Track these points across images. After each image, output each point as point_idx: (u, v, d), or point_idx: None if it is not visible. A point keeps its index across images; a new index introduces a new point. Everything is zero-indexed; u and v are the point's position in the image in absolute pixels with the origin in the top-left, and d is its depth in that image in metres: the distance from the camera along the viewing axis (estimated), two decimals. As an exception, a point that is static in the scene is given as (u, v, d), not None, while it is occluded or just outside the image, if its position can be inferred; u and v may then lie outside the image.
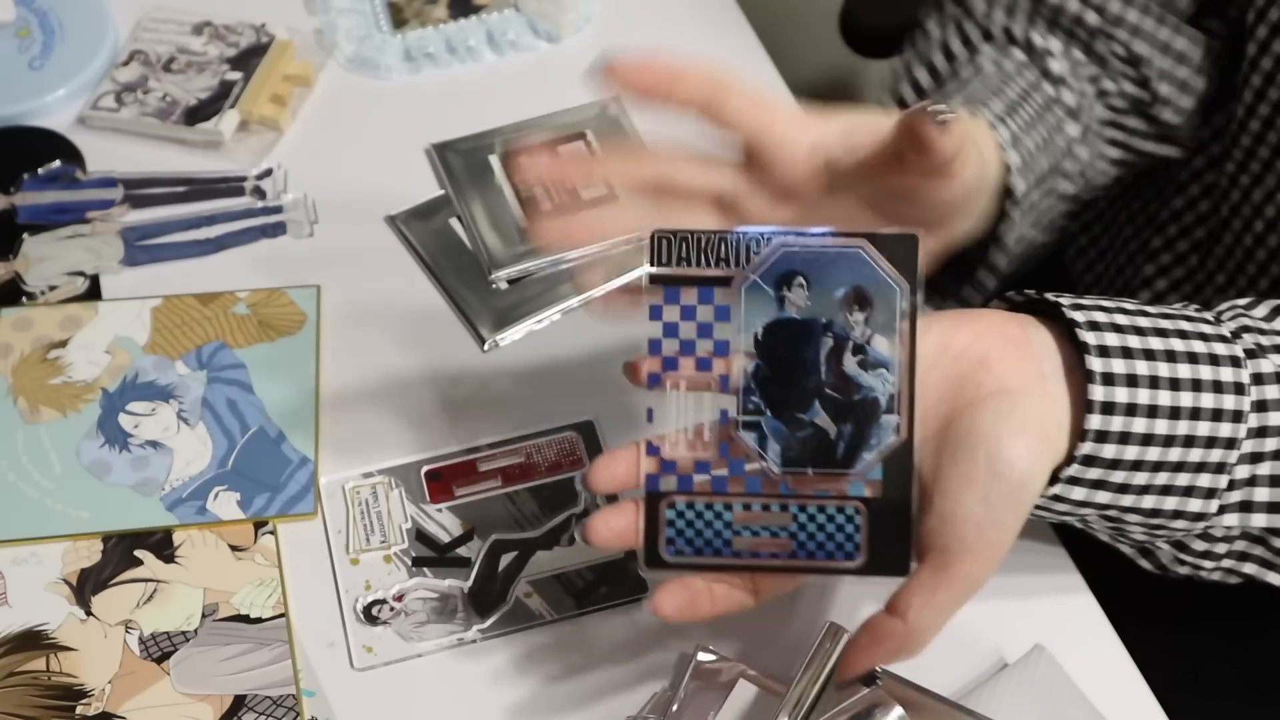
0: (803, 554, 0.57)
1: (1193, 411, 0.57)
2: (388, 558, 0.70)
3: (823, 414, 0.56)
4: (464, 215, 0.84)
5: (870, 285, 0.55)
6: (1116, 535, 0.63)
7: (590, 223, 0.68)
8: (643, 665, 0.66)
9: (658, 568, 0.57)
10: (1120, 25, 0.75)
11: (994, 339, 0.57)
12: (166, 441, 0.75)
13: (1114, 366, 0.56)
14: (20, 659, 0.67)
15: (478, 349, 0.79)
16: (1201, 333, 0.59)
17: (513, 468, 0.73)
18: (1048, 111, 0.73)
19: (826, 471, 0.56)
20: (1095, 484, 0.58)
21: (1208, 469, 0.58)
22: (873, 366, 0.56)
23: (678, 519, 0.57)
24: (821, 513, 0.56)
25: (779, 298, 0.56)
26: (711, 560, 0.57)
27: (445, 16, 0.94)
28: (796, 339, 0.56)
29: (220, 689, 0.67)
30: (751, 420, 0.56)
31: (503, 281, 0.81)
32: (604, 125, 0.88)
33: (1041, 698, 0.64)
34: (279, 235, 0.84)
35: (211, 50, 0.92)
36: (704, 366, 0.56)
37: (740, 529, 0.57)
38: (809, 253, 0.56)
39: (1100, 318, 0.57)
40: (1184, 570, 0.64)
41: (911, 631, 0.56)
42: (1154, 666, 0.67)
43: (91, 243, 0.83)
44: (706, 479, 0.57)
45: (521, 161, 0.65)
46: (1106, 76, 0.76)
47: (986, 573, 0.56)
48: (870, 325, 0.56)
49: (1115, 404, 0.56)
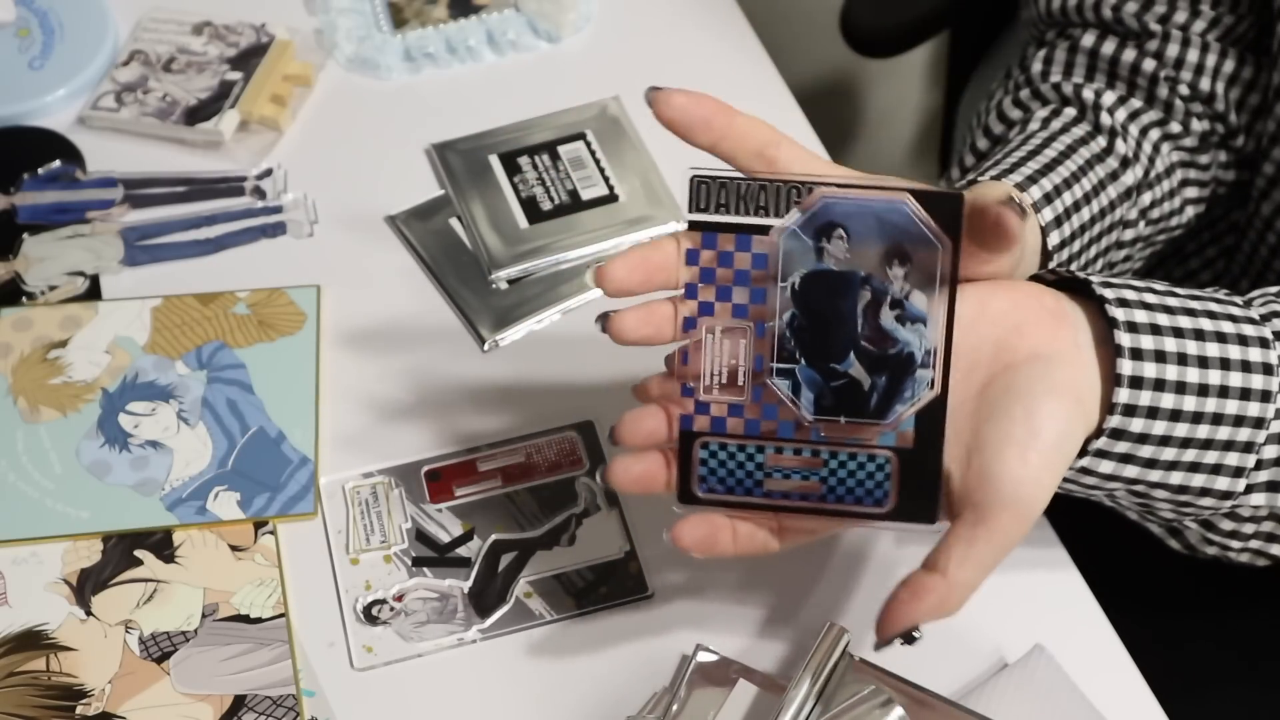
0: (832, 498, 0.57)
1: (1220, 389, 0.57)
2: (388, 558, 0.70)
3: (858, 365, 0.56)
4: (464, 215, 0.84)
5: (911, 241, 0.55)
6: (1145, 513, 0.64)
7: None
8: (643, 665, 0.66)
9: (690, 504, 0.58)
10: (1183, 67, 0.75)
11: (1030, 307, 0.58)
12: (166, 441, 0.75)
13: (1142, 342, 0.57)
14: (20, 659, 0.67)
15: (478, 349, 0.79)
16: (1230, 314, 0.59)
17: (513, 468, 0.73)
18: (1098, 163, 0.72)
19: (859, 421, 0.57)
20: (1123, 458, 0.58)
21: (1235, 448, 0.59)
22: (910, 321, 0.56)
23: (710, 458, 0.57)
24: (853, 459, 0.57)
25: (818, 248, 0.56)
26: (742, 499, 0.58)
27: (445, 16, 0.94)
28: (834, 291, 0.56)
29: (220, 689, 0.67)
30: (786, 368, 0.56)
31: (503, 281, 0.81)
32: (604, 125, 0.88)
33: (1041, 698, 0.64)
34: (279, 235, 0.84)
35: (211, 50, 0.92)
36: (740, 314, 0.57)
37: (772, 470, 0.57)
38: (851, 205, 0.55)
39: (1130, 295, 0.58)
40: (1212, 550, 0.64)
41: (951, 586, 0.55)
42: (1151, 658, 0.67)
43: (91, 243, 0.83)
44: (740, 421, 0.57)
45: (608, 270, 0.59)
46: (1174, 120, 0.75)
47: (1022, 529, 0.56)
48: (909, 281, 0.56)
49: (1143, 379, 0.57)
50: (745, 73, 0.92)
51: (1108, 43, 0.75)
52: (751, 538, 0.59)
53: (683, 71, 0.92)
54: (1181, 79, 0.75)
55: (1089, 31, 0.76)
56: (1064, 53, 0.77)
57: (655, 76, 0.90)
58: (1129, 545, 0.76)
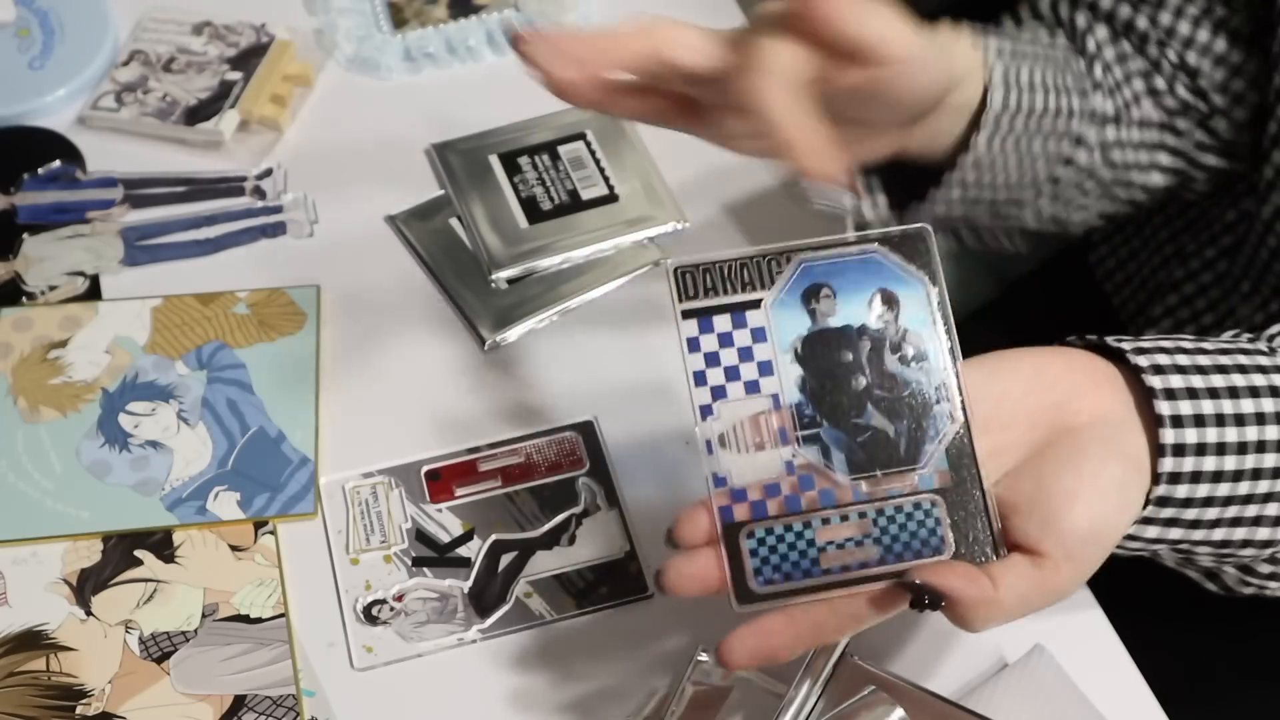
0: (891, 558, 0.55)
1: (1259, 445, 0.58)
2: (388, 558, 0.70)
3: (877, 414, 0.56)
4: (464, 215, 0.84)
5: (893, 285, 0.56)
6: (1184, 564, 0.64)
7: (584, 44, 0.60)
8: (643, 665, 0.66)
9: (750, 603, 0.55)
10: (1173, 37, 0.75)
11: (1086, 370, 0.58)
12: (166, 441, 0.75)
13: (1181, 409, 0.57)
14: (20, 659, 0.67)
15: (478, 349, 0.79)
16: (1260, 365, 0.59)
17: (513, 468, 0.73)
18: (1067, 69, 0.72)
19: (893, 470, 0.56)
20: (1168, 522, 0.58)
21: (1275, 498, 0.59)
22: (913, 361, 0.56)
23: (760, 546, 0.55)
24: (900, 512, 0.56)
25: (810, 310, 0.56)
26: (803, 583, 0.55)
27: (445, 16, 0.94)
28: (835, 347, 0.56)
29: (220, 689, 0.67)
30: (810, 434, 0.56)
31: (503, 281, 0.81)
32: (604, 125, 0.88)
33: (1041, 698, 0.64)
34: (279, 235, 0.84)
35: (211, 50, 0.92)
36: (752, 390, 0.56)
37: (824, 545, 0.56)
38: (828, 263, 0.56)
39: (1163, 360, 0.58)
40: (1249, 591, 0.65)
41: (994, 600, 0.54)
42: (1151, 658, 0.67)
43: (91, 243, 0.83)
44: (779, 500, 0.56)
45: (524, 40, 0.60)
46: (1159, 75, 0.75)
47: (1074, 587, 0.56)
48: (901, 322, 0.56)
49: (1185, 445, 0.57)
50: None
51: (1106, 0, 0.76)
52: (820, 628, 0.55)
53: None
54: (1171, 46, 0.75)
55: None
56: (1066, 2, 0.77)
57: (655, 76, 0.91)
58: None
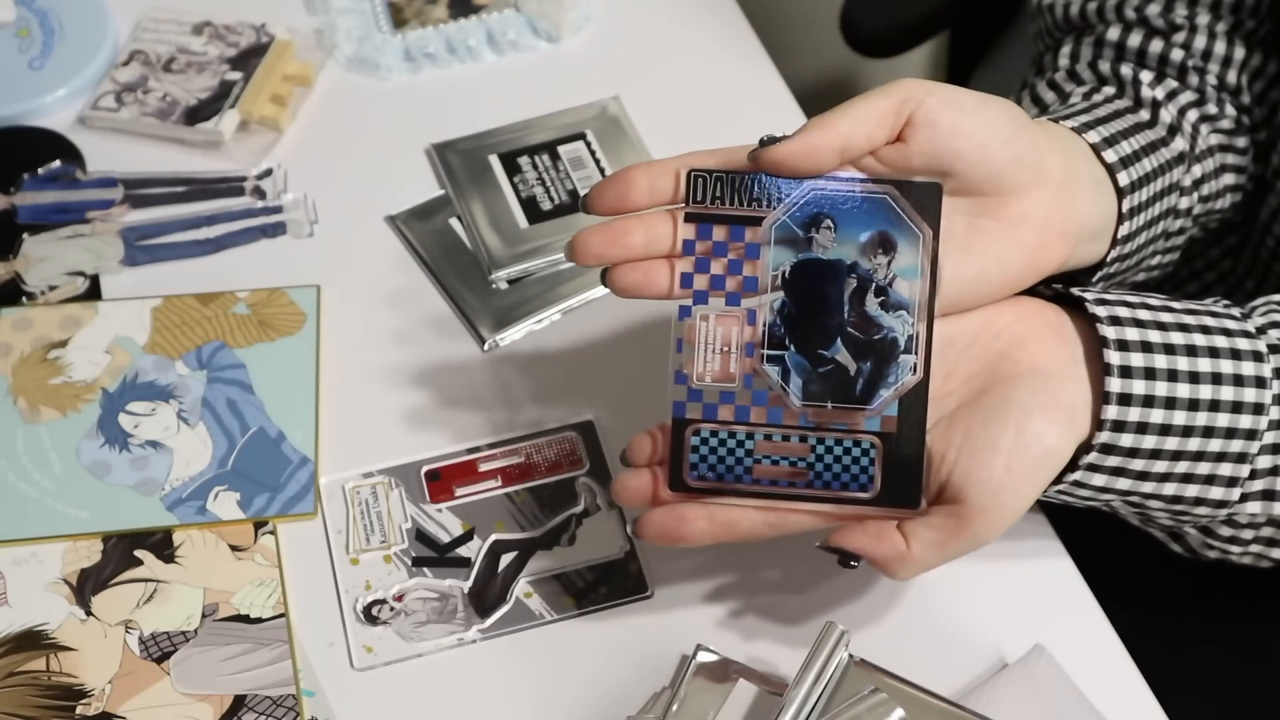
0: (819, 484, 0.59)
1: (1211, 404, 0.59)
2: (388, 558, 0.70)
3: (844, 351, 0.58)
4: (464, 215, 0.84)
5: (895, 230, 0.58)
6: (1144, 521, 0.65)
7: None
8: (643, 665, 0.66)
9: (681, 491, 0.59)
10: (1210, 59, 0.75)
11: (1032, 321, 0.60)
12: (166, 441, 0.75)
13: (1132, 360, 0.58)
14: (20, 659, 0.67)
15: (478, 349, 0.79)
16: (1225, 328, 0.61)
17: (513, 468, 0.73)
18: (1148, 128, 0.70)
19: (845, 406, 0.58)
20: (1114, 471, 0.60)
21: (1228, 458, 0.60)
22: (894, 308, 0.58)
23: (702, 445, 0.59)
24: (839, 445, 0.59)
25: (807, 238, 0.58)
26: (731, 486, 0.59)
27: (445, 16, 0.94)
28: (822, 278, 0.58)
29: (220, 689, 0.67)
30: (775, 354, 0.58)
31: (503, 281, 0.81)
32: (604, 125, 0.88)
33: (1041, 698, 0.64)
34: (279, 235, 0.84)
35: (211, 50, 0.92)
36: (733, 301, 0.59)
37: (761, 457, 0.59)
38: (838, 196, 0.58)
39: (1122, 312, 0.60)
40: (1213, 554, 0.66)
41: (907, 557, 0.58)
42: (1151, 658, 0.67)
43: (91, 243, 0.83)
44: (730, 408, 0.59)
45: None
46: (1209, 102, 0.75)
47: (993, 534, 0.58)
48: (893, 269, 0.58)
49: (1132, 395, 0.58)
50: (745, 73, 0.92)
51: (1134, 36, 0.75)
52: (733, 527, 0.59)
53: (683, 72, 0.92)
54: (1209, 70, 0.75)
55: (1113, 27, 0.76)
56: (1090, 47, 0.76)
57: (655, 76, 0.91)
58: (1129, 545, 0.76)
